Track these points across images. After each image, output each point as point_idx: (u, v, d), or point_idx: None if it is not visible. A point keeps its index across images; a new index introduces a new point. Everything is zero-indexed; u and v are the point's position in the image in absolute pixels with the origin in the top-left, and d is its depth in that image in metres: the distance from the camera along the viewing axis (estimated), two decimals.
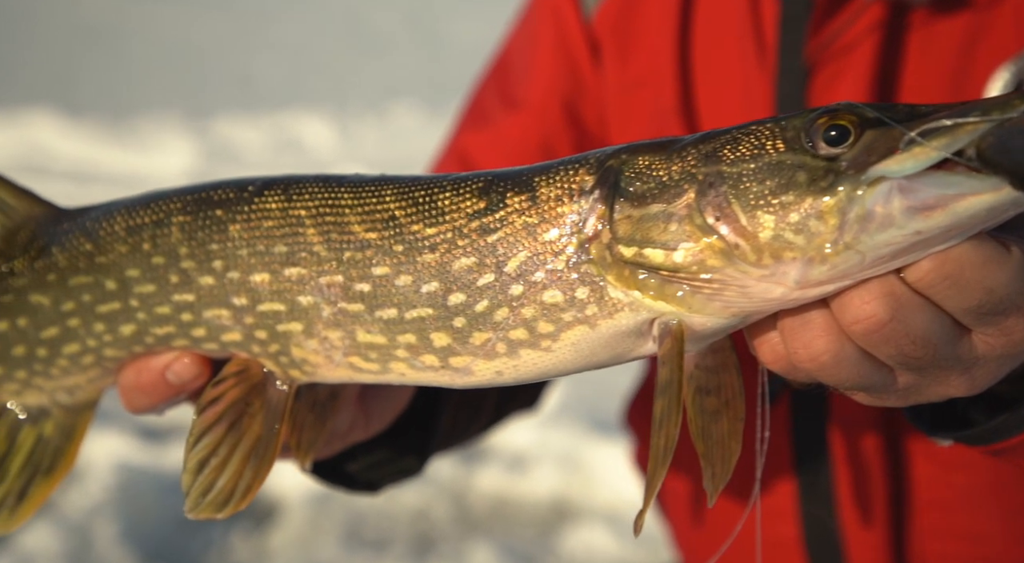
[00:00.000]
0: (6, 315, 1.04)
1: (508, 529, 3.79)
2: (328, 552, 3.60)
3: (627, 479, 3.94)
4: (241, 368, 0.99)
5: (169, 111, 9.42)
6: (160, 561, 3.44)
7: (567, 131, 1.59)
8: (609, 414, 4.40)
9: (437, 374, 0.93)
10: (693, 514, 1.67)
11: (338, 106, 9.88)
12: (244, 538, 3.65)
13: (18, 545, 3.34)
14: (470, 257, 0.89)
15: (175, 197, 1.00)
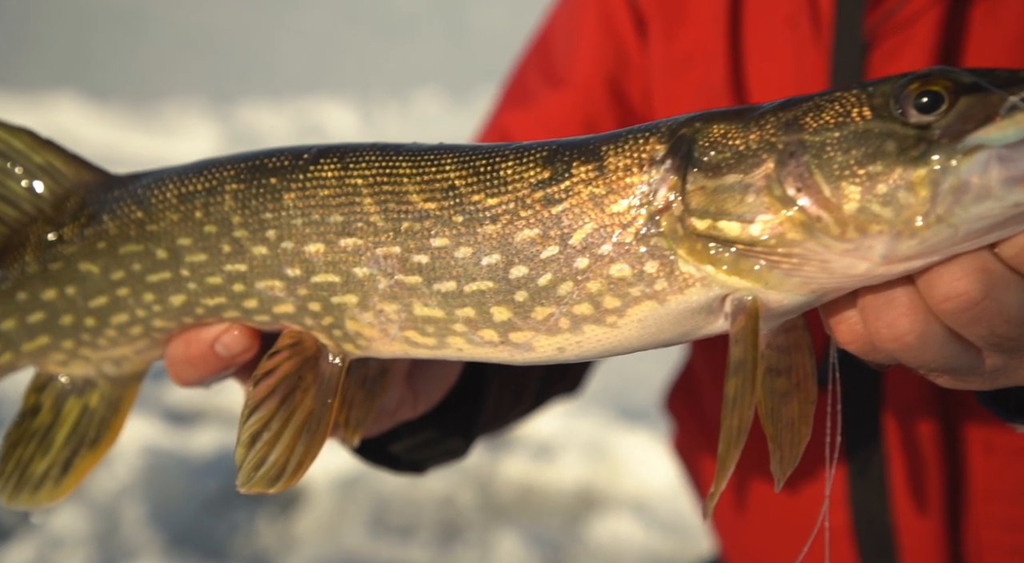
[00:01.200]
0: (55, 283, 1.02)
1: (534, 517, 3.77)
2: (353, 538, 3.59)
3: (654, 468, 3.91)
4: (294, 341, 0.97)
5: (193, 96, 9.43)
6: (186, 544, 3.44)
7: (611, 109, 1.56)
8: (636, 402, 4.36)
9: (496, 350, 0.90)
10: (736, 501, 1.64)
11: (361, 92, 9.87)
12: (269, 523, 3.65)
13: (46, 527, 3.35)
14: (533, 228, 0.86)
15: (228, 164, 0.98)
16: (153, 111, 8.97)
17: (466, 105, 9.55)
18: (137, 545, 3.34)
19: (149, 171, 1.03)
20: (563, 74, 1.58)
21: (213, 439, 4.00)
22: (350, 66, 11.29)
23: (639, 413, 4.21)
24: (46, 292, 1.03)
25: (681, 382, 1.79)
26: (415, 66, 11.24)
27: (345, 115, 9.30)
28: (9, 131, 1.02)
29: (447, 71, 10.94)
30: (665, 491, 3.79)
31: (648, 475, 3.88)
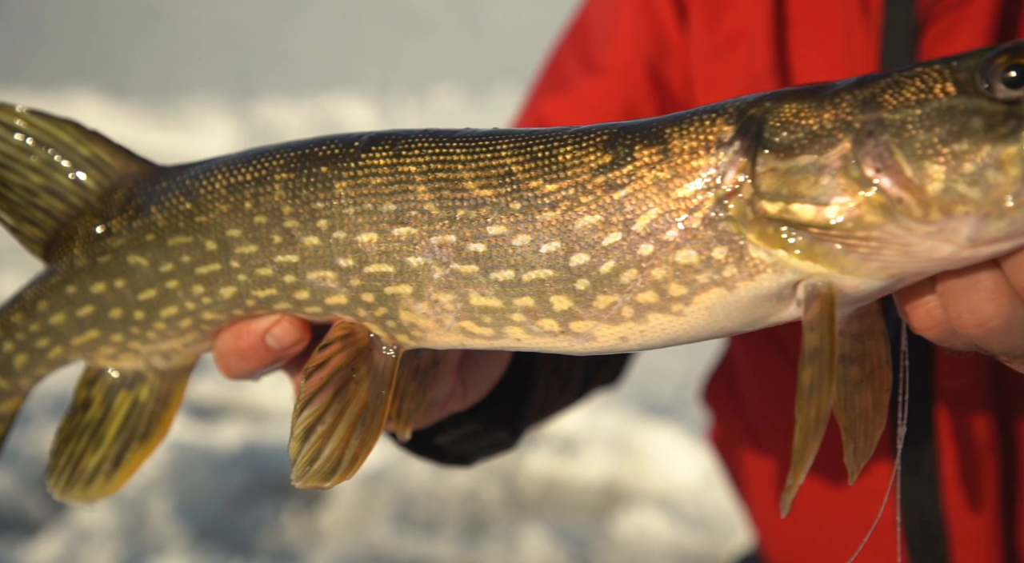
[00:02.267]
0: (104, 276, 1.01)
1: (559, 512, 3.75)
2: (378, 533, 3.58)
3: (680, 463, 3.89)
4: (346, 332, 0.95)
5: (211, 92, 9.45)
6: (213, 538, 3.45)
7: (651, 95, 1.54)
8: (660, 397, 4.34)
9: (556, 339, 0.88)
10: (780, 494, 1.62)
11: (379, 88, 9.87)
12: (294, 517, 3.65)
13: (74, 521, 3.36)
14: (594, 215, 0.84)
15: (278, 153, 0.96)
16: (172, 107, 8.99)
17: (484, 100, 9.54)
18: (164, 539, 3.35)
19: (197, 162, 1.01)
20: (601, 60, 1.56)
21: (237, 434, 4.00)
22: (368, 62, 11.29)
23: (664, 408, 4.18)
24: (95, 285, 1.01)
25: (719, 374, 1.77)
26: (433, 62, 11.23)
27: (363, 111, 9.30)
28: (54, 123, 1.01)
29: (464, 67, 10.92)
30: (691, 486, 3.77)
31: (674, 470, 3.86)
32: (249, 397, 4.32)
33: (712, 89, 1.48)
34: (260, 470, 3.85)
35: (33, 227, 1.03)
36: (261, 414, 4.25)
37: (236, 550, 3.41)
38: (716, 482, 3.73)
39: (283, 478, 3.89)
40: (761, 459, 1.62)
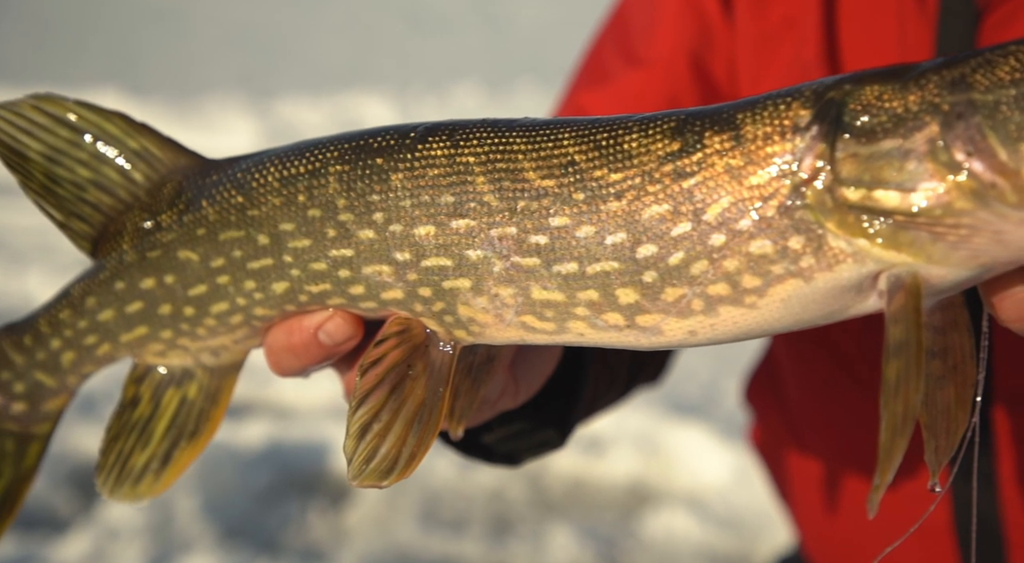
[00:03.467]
0: (153, 272, 0.99)
1: (586, 512, 3.72)
2: (405, 532, 3.57)
3: (707, 462, 3.85)
4: (402, 328, 0.92)
5: (232, 91, 9.47)
6: (239, 536, 3.44)
7: (694, 87, 1.51)
8: (687, 396, 4.30)
9: (621, 334, 0.85)
10: (825, 495, 1.59)
11: (399, 87, 9.86)
12: (320, 515, 3.64)
13: (102, 518, 3.36)
14: (662, 204, 0.81)
15: (331, 145, 0.94)
16: (193, 106, 9.01)
17: (504, 99, 9.51)
18: (191, 537, 3.34)
19: (248, 154, 0.99)
20: (643, 52, 1.53)
21: (263, 432, 3.99)
22: (388, 60, 11.29)
23: (691, 407, 4.15)
24: (144, 281, 0.99)
25: (760, 372, 1.74)
26: (452, 60, 11.21)
27: (383, 109, 9.29)
28: (103, 115, 0.99)
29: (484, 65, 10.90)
30: (720, 486, 3.73)
31: (701, 470, 3.82)
32: (274, 395, 4.31)
33: (758, 80, 1.45)
34: (286, 468, 3.85)
35: (81, 222, 1.01)
36: (286, 412, 4.25)
37: (263, 548, 3.40)
38: (745, 482, 3.69)
39: (308, 476, 3.88)
40: (804, 458, 1.59)
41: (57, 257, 5.68)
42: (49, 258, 5.67)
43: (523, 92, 9.60)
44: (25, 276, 5.43)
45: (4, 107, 0.99)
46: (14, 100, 0.99)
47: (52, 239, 6.20)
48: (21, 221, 6.55)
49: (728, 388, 4.30)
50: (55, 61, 10.68)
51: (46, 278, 5.34)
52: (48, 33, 12.26)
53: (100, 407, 3.98)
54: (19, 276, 5.43)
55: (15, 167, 1.00)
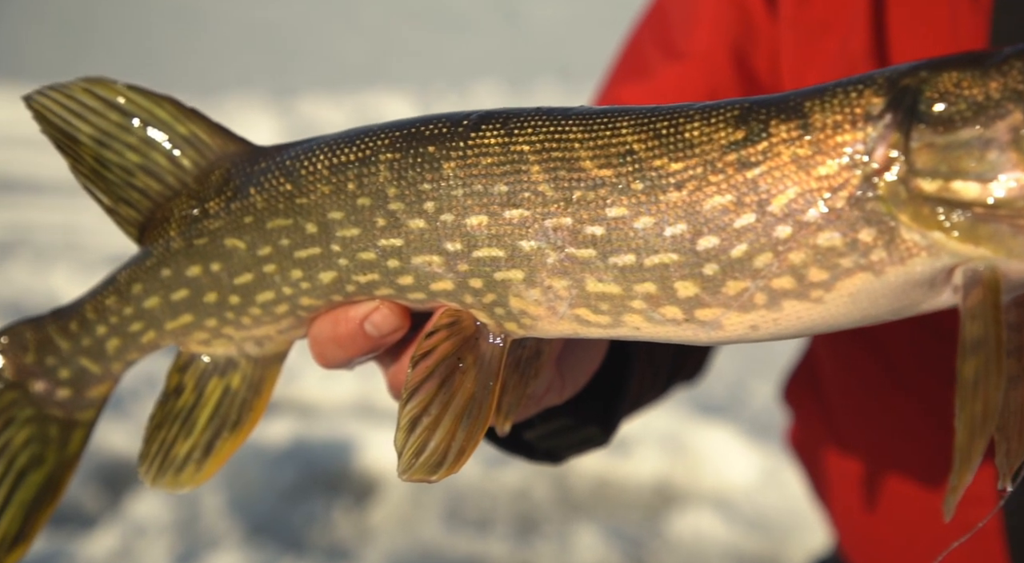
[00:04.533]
0: (199, 259, 0.97)
1: (612, 512, 3.70)
2: (429, 530, 3.56)
3: (734, 463, 3.82)
4: (452, 320, 0.90)
5: (254, 90, 9.51)
6: (265, 533, 3.44)
7: (735, 81, 1.48)
8: (713, 396, 4.27)
9: (679, 328, 0.83)
10: (865, 496, 1.56)
11: (420, 85, 9.87)
12: (345, 513, 3.63)
13: (129, 515, 3.36)
14: (725, 195, 0.79)
15: (382, 133, 0.92)
16: (214, 105, 9.04)
17: (524, 98, 9.49)
18: (218, 534, 3.34)
19: (297, 142, 0.97)
20: (683, 46, 1.51)
21: (287, 429, 3.99)
22: (408, 59, 11.30)
23: (717, 407, 4.12)
24: (190, 269, 0.98)
25: (800, 372, 1.71)
26: (472, 58, 11.22)
27: (404, 108, 9.29)
28: (153, 100, 0.98)
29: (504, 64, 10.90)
30: (747, 486, 3.70)
31: (728, 470, 3.79)
32: (298, 392, 4.31)
33: (802, 74, 1.42)
34: (310, 466, 3.84)
35: (129, 208, 1.00)
36: (310, 409, 4.25)
37: (288, 546, 3.40)
38: (773, 482, 3.65)
39: (333, 474, 3.87)
40: (844, 459, 1.57)
41: (82, 254, 5.71)
42: (74, 255, 5.70)
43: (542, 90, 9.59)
44: (50, 273, 5.46)
45: (56, 89, 0.97)
46: (65, 82, 0.98)
47: (77, 236, 6.24)
48: (46, 218, 6.59)
49: (755, 388, 4.26)
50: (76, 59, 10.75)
51: (71, 275, 5.36)
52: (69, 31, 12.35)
53: (127, 404, 3.99)
54: (44, 273, 5.46)
55: (66, 150, 0.99)
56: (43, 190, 7.29)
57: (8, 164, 7.82)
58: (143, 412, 3.97)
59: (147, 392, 4.03)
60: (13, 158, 7.91)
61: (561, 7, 13.15)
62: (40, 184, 7.42)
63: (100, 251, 5.74)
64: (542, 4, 13.27)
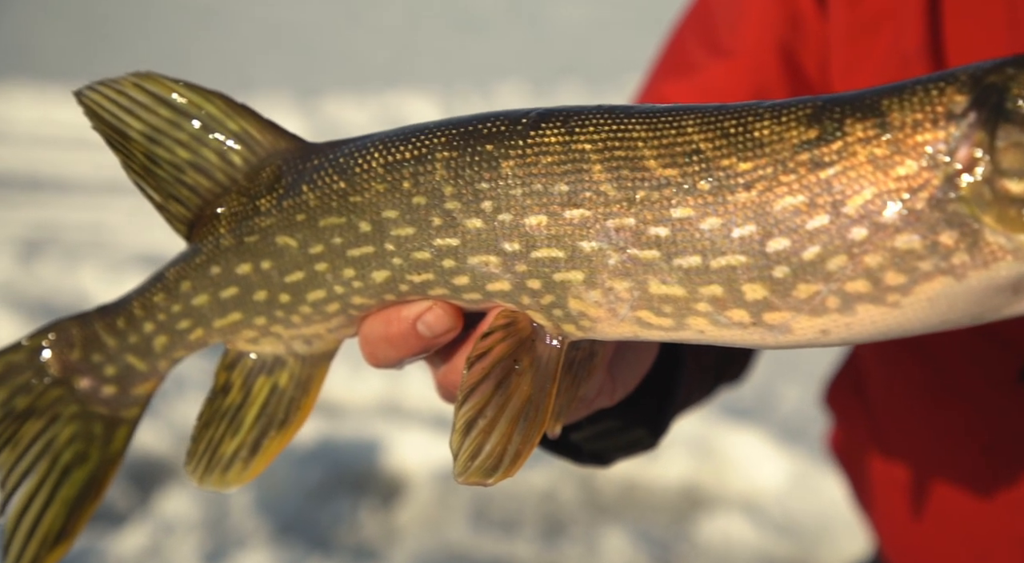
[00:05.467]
0: (250, 257, 0.96)
1: (639, 515, 3.67)
2: (456, 531, 3.55)
3: (763, 467, 3.79)
4: (508, 321, 0.89)
5: (278, 90, 9.54)
6: (292, 533, 3.44)
7: (783, 79, 1.46)
8: (742, 399, 4.24)
9: (745, 332, 0.81)
10: (911, 502, 1.53)
11: (443, 85, 9.87)
12: (371, 513, 3.63)
13: (158, 513, 3.37)
14: (797, 195, 0.77)
15: (438, 130, 0.90)
16: None
17: (548, 98, 9.48)
18: (245, 533, 3.35)
19: (350, 139, 0.96)
20: (729, 43, 1.49)
21: (314, 429, 3.99)
22: (431, 60, 11.31)
23: (745, 410, 4.08)
24: (240, 266, 0.97)
25: (843, 375, 1.69)
26: (494, 59, 11.21)
27: (427, 108, 9.30)
28: (203, 95, 0.97)
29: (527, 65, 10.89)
30: (776, 490, 3.67)
31: (757, 474, 3.76)
32: (324, 392, 4.29)
33: (852, 72, 1.40)
34: (337, 465, 3.84)
35: (179, 205, 0.99)
36: (337, 409, 4.25)
37: (315, 545, 3.40)
38: (803, 487, 3.62)
39: (359, 474, 3.87)
40: (889, 464, 1.54)
41: (110, 253, 5.74)
42: (102, 254, 5.73)
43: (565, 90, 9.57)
44: (79, 272, 5.49)
45: (106, 84, 0.97)
46: (115, 77, 0.97)
47: (104, 235, 6.27)
48: (73, 217, 6.63)
49: (783, 392, 4.23)
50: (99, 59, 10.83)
51: (99, 274, 5.39)
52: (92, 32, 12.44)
53: (155, 402, 4.00)
54: (73, 272, 5.49)
55: (117, 146, 0.98)
56: (70, 189, 7.34)
57: (35, 163, 7.89)
58: (172, 411, 3.98)
59: (175, 392, 4.04)
60: (39, 157, 7.97)
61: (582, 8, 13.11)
62: (67, 183, 7.47)
63: (128, 250, 5.77)
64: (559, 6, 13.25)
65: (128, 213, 6.67)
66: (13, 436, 1.00)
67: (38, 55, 11.19)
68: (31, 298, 5.15)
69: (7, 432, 1.00)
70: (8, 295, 5.16)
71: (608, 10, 13.00)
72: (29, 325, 4.75)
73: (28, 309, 4.93)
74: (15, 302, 5.03)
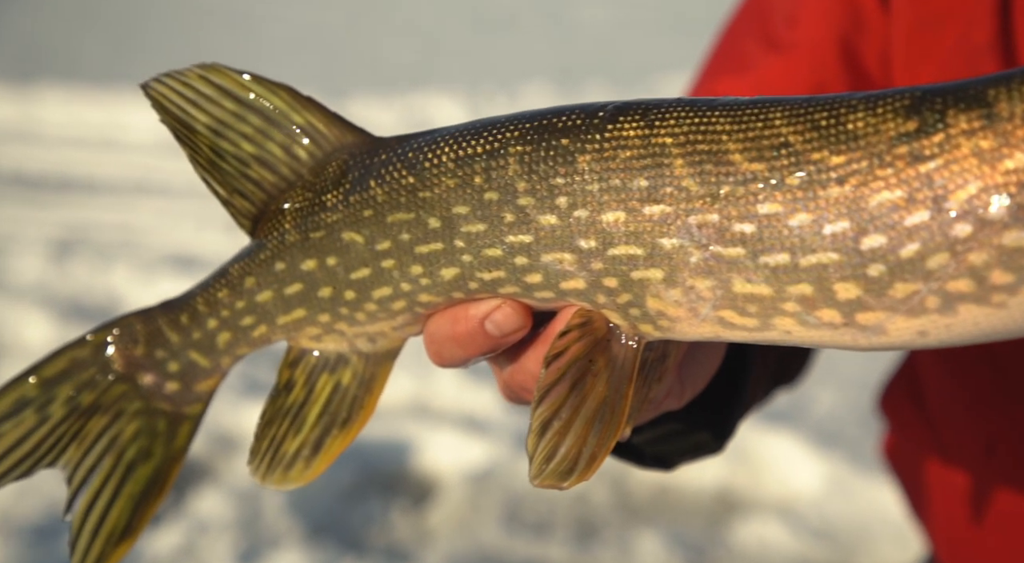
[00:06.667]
0: (315, 253, 0.94)
1: (673, 518, 3.64)
2: (488, 533, 3.52)
3: (799, 471, 3.74)
4: (583, 320, 0.86)
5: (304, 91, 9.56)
6: (325, 533, 3.43)
7: (843, 75, 1.43)
8: (776, 402, 4.19)
9: (836, 333, 0.78)
10: (971, 509, 1.49)
11: (469, 86, 9.87)
12: (403, 514, 3.61)
13: (192, 512, 3.37)
14: (894, 190, 0.74)
15: (511, 124, 0.88)
16: None
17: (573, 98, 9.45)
18: (278, 533, 3.34)
19: (418, 133, 0.94)
20: (786, 38, 1.46)
21: None
22: (456, 60, 11.31)
23: (780, 413, 4.03)
24: (305, 262, 0.95)
25: (899, 382, 1.65)
26: (520, 60, 11.20)
27: (453, 109, 9.29)
28: (269, 87, 0.95)
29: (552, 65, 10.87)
30: (812, 495, 3.62)
31: (792, 478, 3.71)
32: None
33: (916, 67, 1.37)
34: (368, 466, 3.83)
35: (243, 200, 0.97)
36: None
37: (348, 546, 3.38)
38: (840, 492, 3.57)
39: (390, 475, 3.86)
40: (948, 470, 1.50)
41: (141, 253, 5.76)
42: (134, 254, 5.76)
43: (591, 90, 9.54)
44: (110, 272, 5.51)
45: (171, 76, 0.95)
46: (181, 69, 0.95)
47: (134, 235, 6.30)
48: (103, 218, 6.67)
49: (818, 395, 4.18)
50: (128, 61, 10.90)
51: (131, 274, 5.41)
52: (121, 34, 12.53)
53: None
54: (105, 272, 5.51)
55: (183, 139, 0.96)
56: (99, 190, 7.39)
57: (64, 164, 7.94)
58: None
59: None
60: (69, 158, 8.03)
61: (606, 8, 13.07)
62: (96, 184, 7.52)
63: (157, 250, 5.79)
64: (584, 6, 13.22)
65: (156, 214, 6.70)
66: (79, 432, 0.99)
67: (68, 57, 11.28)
68: (63, 298, 5.18)
69: (73, 428, 0.99)
70: (41, 294, 5.19)
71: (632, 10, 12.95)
72: (62, 324, 4.77)
73: (60, 309, 4.96)
74: (48, 301, 5.06)
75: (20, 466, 0.98)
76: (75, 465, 0.99)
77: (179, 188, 7.22)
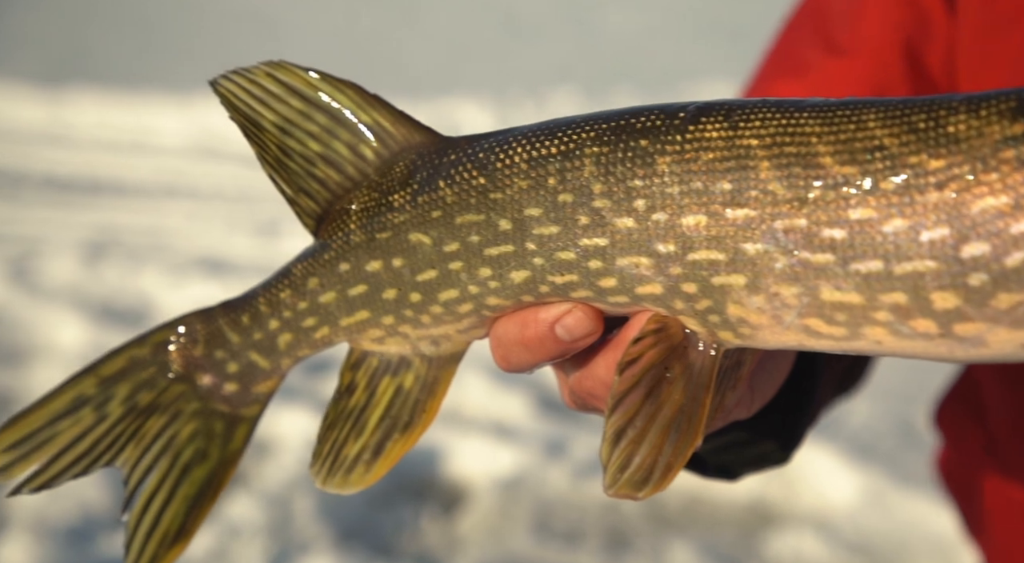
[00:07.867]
0: (381, 254, 0.92)
1: (705, 529, 3.59)
2: (519, 541, 3.49)
3: (834, 483, 3.69)
4: (659, 326, 0.84)
5: None
6: (355, 539, 3.41)
7: (905, 78, 1.40)
8: None
9: (931, 343, 0.75)
10: None
11: (496, 92, 9.87)
12: (432, 521, 3.59)
13: (224, 516, 3.36)
14: (999, 196, 0.71)
15: (587, 125, 0.86)
16: None
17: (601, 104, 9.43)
18: (309, 538, 3.33)
19: (489, 133, 0.92)
20: (847, 41, 1.43)
21: None
22: (484, 66, 11.32)
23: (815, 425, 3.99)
24: (371, 263, 0.93)
25: (956, 396, 1.61)
26: (547, 65, 11.19)
27: (481, 115, 9.30)
28: (336, 86, 0.93)
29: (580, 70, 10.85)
30: (848, 508, 3.56)
31: (827, 490, 3.66)
32: None
33: (982, 71, 1.33)
34: (398, 473, 3.81)
35: (308, 199, 0.95)
36: None
37: (378, 553, 3.36)
38: (876, 505, 3.51)
39: (420, 482, 3.84)
40: (1008, 486, 1.46)
41: (171, 256, 5.78)
42: (164, 257, 5.78)
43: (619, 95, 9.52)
44: (141, 275, 5.53)
45: (239, 73, 0.93)
46: (249, 66, 0.94)
47: (164, 238, 6.33)
48: (133, 220, 6.70)
49: (854, 407, 4.12)
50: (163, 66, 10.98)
51: (161, 277, 5.43)
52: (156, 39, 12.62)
53: None
54: (135, 275, 5.54)
55: (252, 137, 0.95)
56: (128, 192, 7.43)
57: (94, 167, 8.01)
58: None
59: None
60: (99, 161, 8.09)
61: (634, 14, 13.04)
62: (125, 187, 7.57)
63: (188, 253, 5.81)
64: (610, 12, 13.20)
65: (186, 217, 6.73)
66: (137, 432, 0.98)
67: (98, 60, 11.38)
68: (95, 300, 5.21)
69: (131, 428, 0.98)
70: (73, 297, 5.22)
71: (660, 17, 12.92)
72: (94, 326, 4.79)
73: (92, 310, 4.98)
74: (80, 304, 5.08)
75: (78, 464, 0.97)
76: (132, 465, 0.98)
77: (208, 191, 7.25)
